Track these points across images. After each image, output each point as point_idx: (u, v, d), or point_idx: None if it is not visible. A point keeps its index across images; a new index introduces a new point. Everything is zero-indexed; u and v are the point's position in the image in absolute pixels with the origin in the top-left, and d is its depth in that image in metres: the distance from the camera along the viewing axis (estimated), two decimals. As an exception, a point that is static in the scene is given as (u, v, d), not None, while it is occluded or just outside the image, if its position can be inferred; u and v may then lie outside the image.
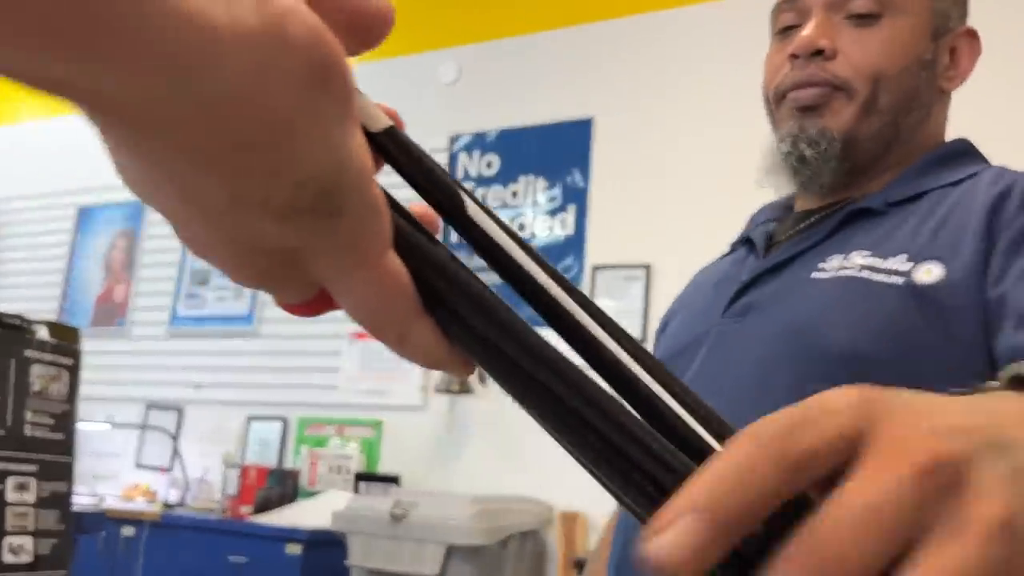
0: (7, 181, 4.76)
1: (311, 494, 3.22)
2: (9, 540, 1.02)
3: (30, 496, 1.06)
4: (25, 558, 1.04)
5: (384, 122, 0.27)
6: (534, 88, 3.51)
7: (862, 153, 0.81)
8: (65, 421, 1.12)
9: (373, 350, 3.47)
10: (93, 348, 4.05)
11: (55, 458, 1.10)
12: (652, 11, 3.31)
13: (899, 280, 0.70)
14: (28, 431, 1.07)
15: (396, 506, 2.53)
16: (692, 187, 3.13)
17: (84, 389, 1.22)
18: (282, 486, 3.16)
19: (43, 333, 1.11)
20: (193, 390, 3.84)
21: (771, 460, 0.21)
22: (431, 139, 3.60)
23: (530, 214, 3.35)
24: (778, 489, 0.21)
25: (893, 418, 0.23)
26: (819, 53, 0.80)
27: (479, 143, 3.54)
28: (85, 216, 4.45)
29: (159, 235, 4.20)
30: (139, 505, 3.33)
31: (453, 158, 3.55)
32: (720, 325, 0.80)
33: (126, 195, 2.38)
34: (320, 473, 3.33)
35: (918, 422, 0.23)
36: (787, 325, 0.72)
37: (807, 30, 0.80)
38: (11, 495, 1.03)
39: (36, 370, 1.09)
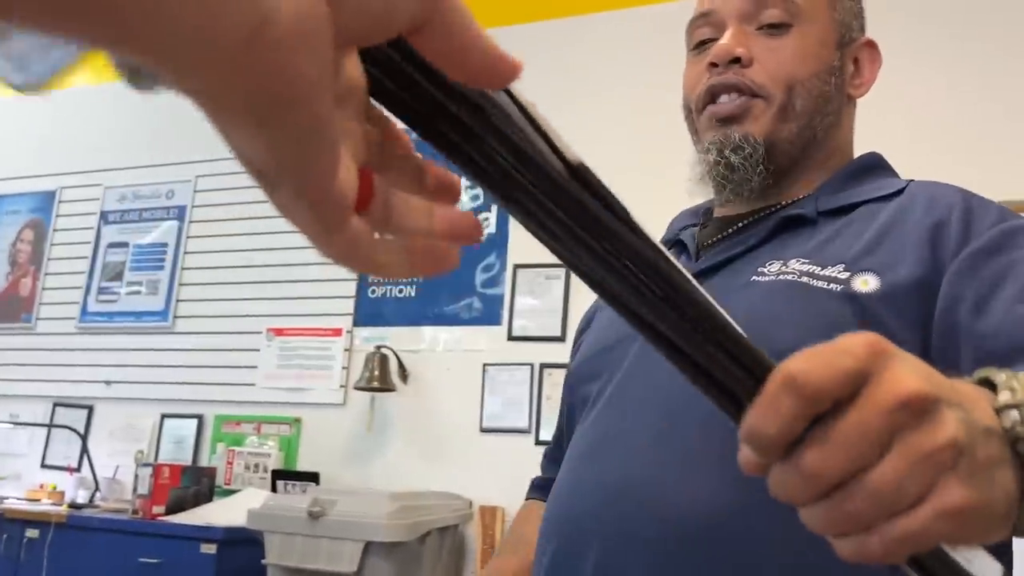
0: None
1: (228, 492, 3.17)
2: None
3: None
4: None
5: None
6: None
7: (783, 156, 0.84)
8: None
9: (292, 347, 3.43)
10: (-4, 344, 3.90)
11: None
12: (564, 16, 3.36)
13: (837, 288, 0.73)
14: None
15: (314, 504, 2.51)
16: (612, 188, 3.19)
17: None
18: (197, 484, 3.09)
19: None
20: (104, 387, 3.72)
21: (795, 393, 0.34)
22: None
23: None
24: (803, 410, 0.34)
25: (892, 362, 0.36)
26: (736, 60, 0.83)
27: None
28: (-11, 206, 4.26)
29: (70, 228, 4.05)
30: (44, 507, 3.21)
31: (376, 154, 3.53)
32: None
33: (34, 184, 2.32)
34: (237, 471, 3.27)
35: (909, 368, 0.36)
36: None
37: (724, 39, 0.84)
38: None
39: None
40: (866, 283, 0.73)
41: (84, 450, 3.57)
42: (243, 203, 3.70)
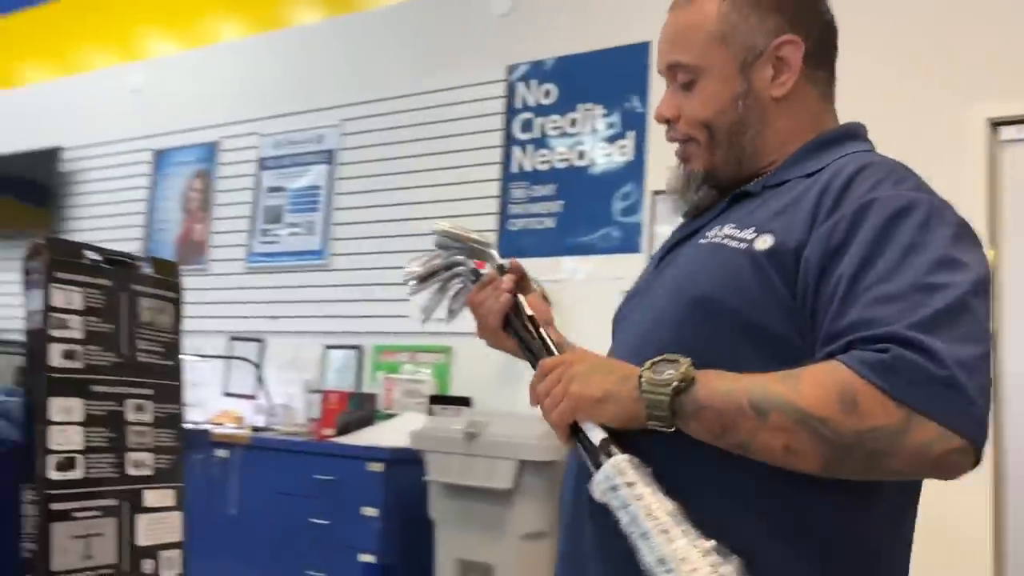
0: (83, 130, 4.99)
1: (387, 416, 3.41)
2: (131, 455, 1.17)
3: (147, 416, 1.20)
4: (146, 471, 1.19)
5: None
6: (589, 14, 3.50)
7: (722, 173, 1.06)
8: (173, 350, 1.26)
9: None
10: (178, 285, 4.28)
11: (167, 383, 1.24)
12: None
13: (743, 246, 0.93)
14: (141, 358, 1.21)
15: (469, 425, 2.68)
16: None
17: (181, 321, 1.34)
18: (361, 409, 3.35)
19: (147, 268, 1.24)
20: (271, 322, 4.05)
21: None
22: (488, 71, 3.64)
23: (589, 142, 3.39)
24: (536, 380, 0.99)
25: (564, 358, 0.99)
26: (667, 121, 1.07)
27: (536, 72, 3.57)
28: (162, 159, 4.65)
29: (232, 175, 4.37)
30: (230, 430, 3.57)
31: (511, 89, 3.60)
32: (651, 276, 1.09)
33: (200, 136, 2.57)
34: (395, 397, 3.52)
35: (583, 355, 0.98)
36: (675, 277, 1.01)
37: (660, 105, 1.08)
38: (130, 415, 1.18)
39: (144, 303, 1.22)
40: (764, 243, 0.91)
41: (259, 379, 3.92)
42: (387, 144, 3.88)
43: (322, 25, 4.27)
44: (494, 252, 1.17)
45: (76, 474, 1.08)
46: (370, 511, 2.94)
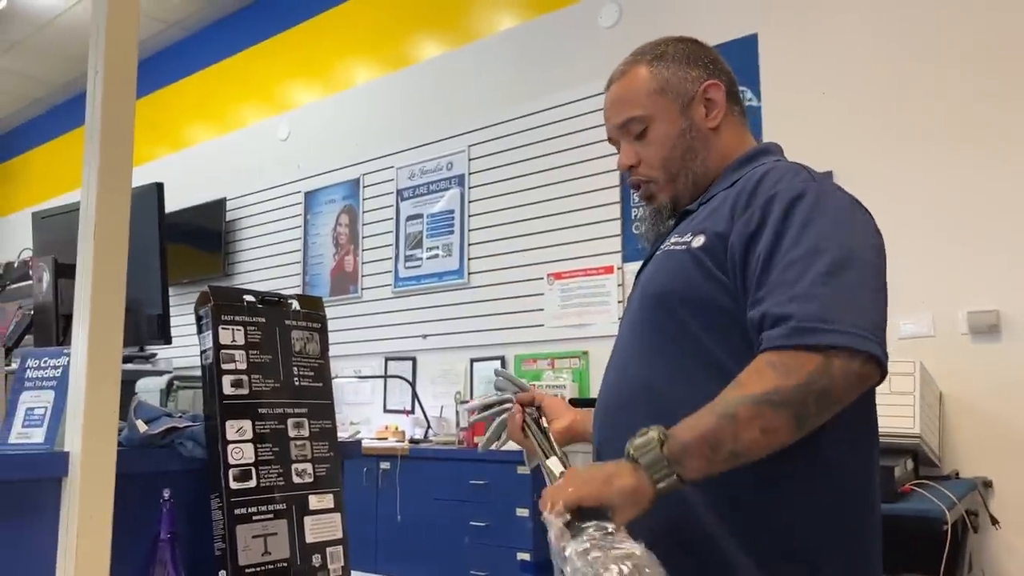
0: (242, 180, 5.47)
1: (533, 422, 3.56)
2: (295, 466, 1.37)
3: (305, 432, 1.40)
4: (308, 479, 1.39)
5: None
6: (694, 12, 3.54)
7: (682, 198, 1.27)
8: (322, 373, 1.46)
9: (570, 288, 3.74)
10: (335, 314, 4.64)
11: (319, 402, 1.44)
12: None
13: (684, 247, 1.15)
14: (297, 382, 1.41)
15: (605, 425, 2.79)
16: (866, 93, 3.07)
17: (333, 348, 1.55)
18: (507, 417, 3.52)
19: (295, 305, 1.45)
20: (421, 340, 4.32)
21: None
22: (600, 83, 3.73)
23: None
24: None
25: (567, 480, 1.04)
26: (632, 167, 1.28)
27: (646, 78, 3.63)
28: (311, 199, 5.04)
29: (375, 208, 4.69)
30: (391, 443, 3.84)
31: (624, 96, 3.68)
32: (633, 295, 1.28)
33: (343, 175, 2.92)
34: (539, 403, 3.66)
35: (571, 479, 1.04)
36: (643, 282, 1.24)
37: (621, 157, 1.30)
38: (291, 432, 1.38)
39: (295, 335, 1.43)
40: (698, 240, 1.13)
41: (414, 395, 4.19)
42: (511, 163, 4.05)
43: (442, 58, 4.51)
44: (526, 392, 1.50)
45: (251, 483, 1.27)
46: (523, 511, 3.11)
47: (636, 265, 3.69)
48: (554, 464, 1.20)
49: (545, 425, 1.38)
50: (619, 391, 1.20)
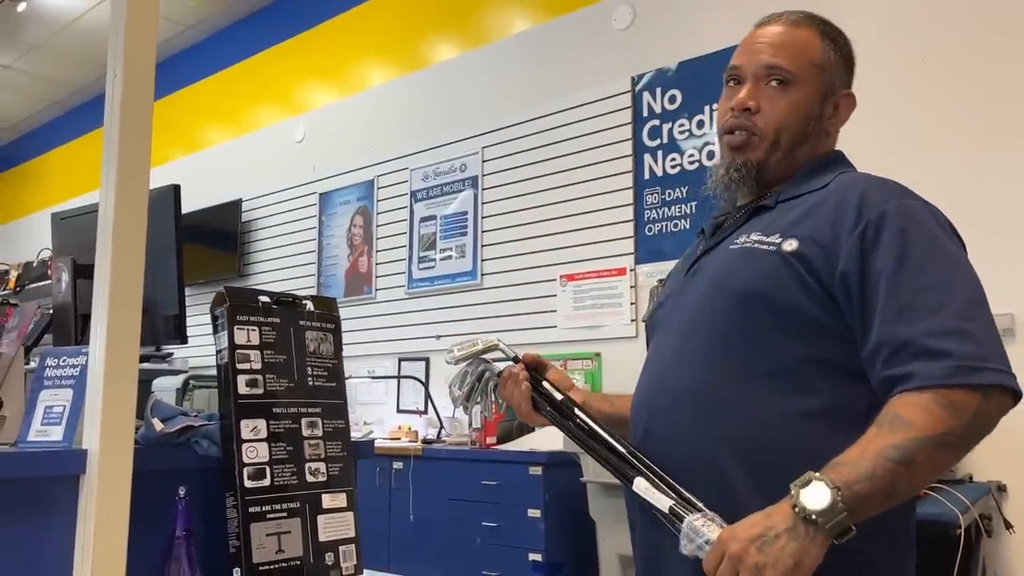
0: (258, 181, 5.51)
1: (546, 423, 3.57)
2: (308, 465, 1.39)
3: (318, 431, 1.41)
4: (321, 478, 1.40)
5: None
6: (706, 15, 3.54)
7: (769, 173, 1.24)
8: (335, 373, 1.47)
9: (583, 289, 3.74)
10: (349, 314, 4.66)
11: (333, 401, 1.46)
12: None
13: (772, 248, 1.12)
14: (311, 382, 1.42)
15: (618, 427, 2.79)
16: (876, 94, 3.07)
17: (347, 349, 1.55)
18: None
19: (309, 306, 1.46)
20: (435, 340, 4.33)
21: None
22: (614, 84, 3.75)
23: (717, 142, 3.41)
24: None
25: (727, 542, 0.97)
26: (747, 109, 1.22)
27: (660, 80, 3.65)
28: (326, 201, 5.07)
29: (389, 209, 4.71)
30: (404, 443, 3.86)
31: (637, 98, 3.69)
32: (684, 282, 1.26)
33: (357, 176, 2.94)
34: (551, 404, 3.67)
35: (732, 537, 0.97)
36: (712, 279, 1.19)
37: (742, 93, 1.23)
38: (305, 431, 1.40)
39: (309, 335, 1.44)
40: (790, 245, 1.11)
41: (427, 395, 4.20)
42: (525, 164, 4.07)
43: (456, 60, 4.53)
44: (504, 348, 1.38)
45: (266, 482, 1.29)
46: (534, 512, 3.11)
47: (649, 267, 3.79)
48: (703, 524, 1.01)
49: (549, 388, 1.31)
50: (679, 377, 1.16)
